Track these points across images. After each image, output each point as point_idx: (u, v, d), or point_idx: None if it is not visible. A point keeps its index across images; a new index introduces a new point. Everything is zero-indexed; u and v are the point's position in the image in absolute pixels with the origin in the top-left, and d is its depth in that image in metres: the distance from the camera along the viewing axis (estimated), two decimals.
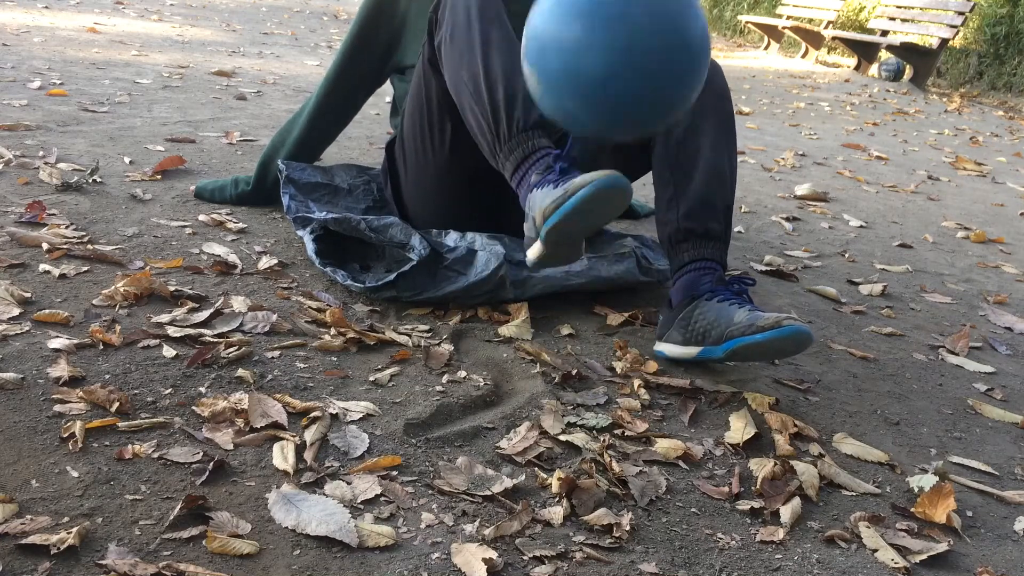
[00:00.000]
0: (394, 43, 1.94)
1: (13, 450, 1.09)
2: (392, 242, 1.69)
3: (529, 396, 1.37)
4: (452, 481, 1.13)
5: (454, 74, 1.55)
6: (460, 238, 1.72)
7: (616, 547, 1.05)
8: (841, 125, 5.07)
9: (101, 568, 0.91)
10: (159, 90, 3.47)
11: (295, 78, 4.26)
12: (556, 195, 1.33)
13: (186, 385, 1.28)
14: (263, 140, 2.84)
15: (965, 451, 1.40)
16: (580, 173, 1.35)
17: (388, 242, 1.70)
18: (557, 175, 1.38)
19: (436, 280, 1.65)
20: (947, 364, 1.74)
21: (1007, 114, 6.84)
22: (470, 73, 1.52)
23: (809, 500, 1.20)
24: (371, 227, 1.71)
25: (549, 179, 1.38)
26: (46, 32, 4.63)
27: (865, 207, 3.03)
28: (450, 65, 1.56)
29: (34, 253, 1.67)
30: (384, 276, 1.65)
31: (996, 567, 1.11)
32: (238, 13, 7.26)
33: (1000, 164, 4.39)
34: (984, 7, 8.43)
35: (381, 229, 1.70)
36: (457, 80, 1.54)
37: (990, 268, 2.47)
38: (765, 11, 11.60)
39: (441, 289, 1.64)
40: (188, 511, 1.01)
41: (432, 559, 0.99)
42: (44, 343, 1.34)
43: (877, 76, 8.37)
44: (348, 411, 1.27)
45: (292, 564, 0.96)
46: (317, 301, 1.62)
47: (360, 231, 1.71)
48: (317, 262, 1.71)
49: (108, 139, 2.58)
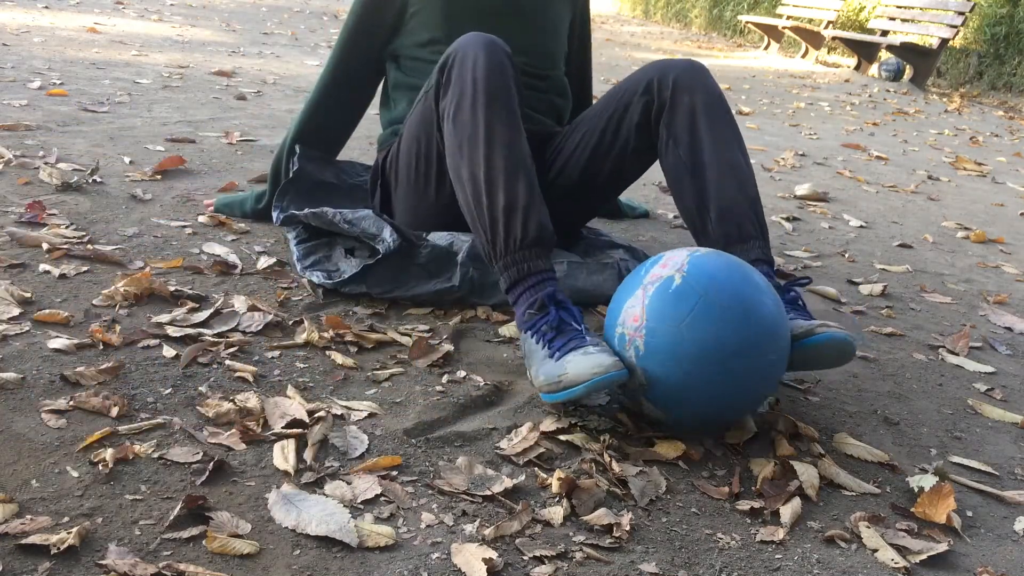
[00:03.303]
0: (395, 29, 1.88)
1: (13, 450, 1.09)
2: (365, 233, 1.69)
3: (529, 396, 1.37)
4: (452, 481, 1.13)
5: (454, 162, 1.51)
6: (445, 235, 1.72)
7: (616, 547, 1.05)
8: (841, 125, 5.07)
9: (101, 568, 0.91)
10: (159, 90, 3.47)
11: (295, 78, 4.26)
12: (551, 377, 1.27)
13: (186, 385, 1.28)
14: (263, 140, 2.84)
15: (965, 451, 1.40)
16: (572, 337, 1.30)
17: (361, 234, 1.70)
18: (551, 334, 1.32)
19: (406, 279, 1.65)
20: (947, 364, 1.74)
21: (1007, 114, 6.84)
22: (470, 172, 1.47)
23: (809, 500, 1.20)
24: (345, 219, 1.71)
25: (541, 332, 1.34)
26: (46, 32, 4.63)
27: (865, 207, 3.03)
28: (451, 149, 1.52)
29: (34, 253, 1.67)
30: (354, 270, 1.65)
31: (996, 567, 1.11)
32: (238, 13, 7.26)
33: (1000, 164, 4.39)
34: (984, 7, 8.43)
35: (355, 221, 1.71)
36: (457, 170, 1.50)
37: (990, 268, 2.47)
38: (765, 11, 11.60)
39: (410, 289, 1.64)
40: (188, 511, 1.01)
41: (432, 559, 0.99)
42: (44, 343, 1.34)
43: (877, 76, 8.37)
44: (348, 411, 1.27)
45: (292, 564, 0.96)
46: (317, 300, 1.62)
47: (335, 223, 1.71)
48: (298, 268, 1.71)
49: (108, 139, 2.58)
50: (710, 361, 1.21)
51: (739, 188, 1.56)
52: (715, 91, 1.64)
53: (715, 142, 1.59)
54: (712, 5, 13.69)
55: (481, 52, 1.51)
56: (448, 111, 1.53)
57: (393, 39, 1.90)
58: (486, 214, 1.44)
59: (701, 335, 1.21)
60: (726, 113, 1.63)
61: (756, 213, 1.57)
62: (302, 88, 3.96)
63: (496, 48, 1.52)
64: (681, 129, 1.62)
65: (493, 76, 1.50)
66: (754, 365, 1.24)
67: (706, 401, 1.25)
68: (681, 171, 1.62)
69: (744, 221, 1.55)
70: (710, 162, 1.58)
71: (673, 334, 1.22)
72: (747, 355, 1.22)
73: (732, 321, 1.22)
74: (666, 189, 2.87)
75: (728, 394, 1.25)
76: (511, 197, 1.43)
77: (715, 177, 1.57)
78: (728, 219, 1.55)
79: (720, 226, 1.55)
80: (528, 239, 1.41)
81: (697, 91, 1.61)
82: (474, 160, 1.47)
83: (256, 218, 2.02)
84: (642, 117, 1.68)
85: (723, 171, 1.57)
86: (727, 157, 1.58)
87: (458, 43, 1.55)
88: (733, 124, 1.63)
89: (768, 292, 1.28)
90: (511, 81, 1.52)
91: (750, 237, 1.54)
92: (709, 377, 1.22)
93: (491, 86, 1.49)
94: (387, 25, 1.88)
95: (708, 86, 1.63)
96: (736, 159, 1.59)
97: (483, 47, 1.52)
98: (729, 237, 1.54)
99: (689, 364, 1.22)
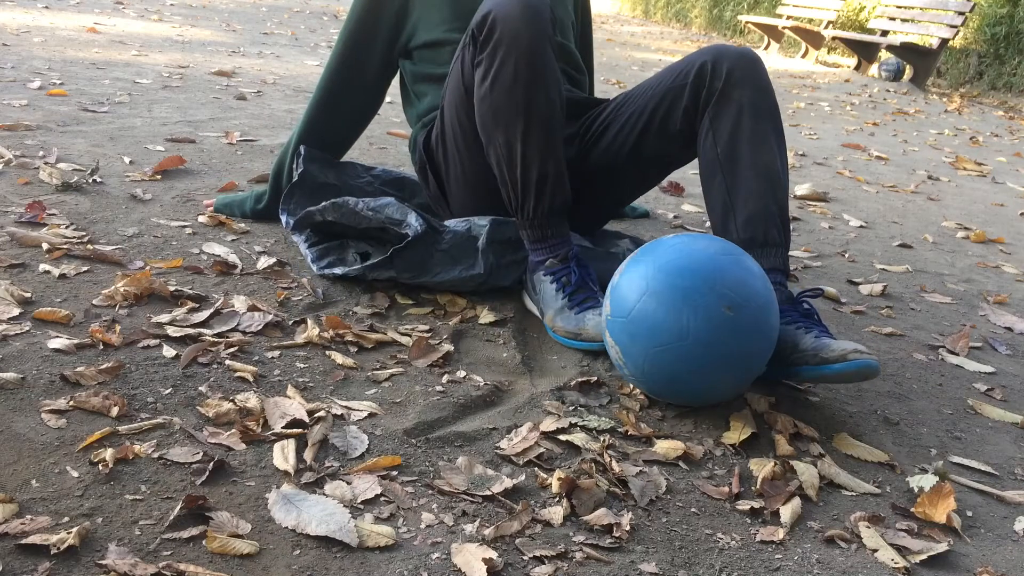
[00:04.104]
0: (400, 23, 1.85)
1: (13, 450, 1.09)
2: (390, 220, 1.69)
3: (529, 396, 1.37)
4: (452, 481, 1.13)
5: (489, 126, 1.52)
6: (461, 222, 1.72)
7: (616, 547, 1.05)
8: (841, 125, 5.07)
9: (101, 568, 0.91)
10: (159, 90, 3.47)
11: (295, 78, 4.26)
12: (569, 325, 1.52)
13: (186, 385, 1.28)
14: (263, 140, 2.84)
15: (965, 451, 1.40)
16: (590, 296, 1.54)
17: (386, 220, 1.70)
18: (572, 288, 1.55)
19: (431, 264, 1.66)
20: (947, 364, 1.74)
21: (1007, 114, 6.84)
22: (505, 138, 1.53)
23: (809, 500, 1.20)
24: (369, 207, 1.71)
25: (562, 281, 1.57)
26: (46, 32, 4.63)
27: (865, 207, 3.03)
28: (485, 114, 1.53)
29: (34, 253, 1.67)
30: (383, 254, 1.66)
31: (996, 567, 1.11)
32: (238, 13, 7.26)
33: (1000, 164, 4.39)
34: (984, 7, 8.43)
35: (379, 208, 1.71)
36: (491, 134, 1.53)
37: (990, 268, 2.47)
38: (765, 11, 11.60)
39: (435, 276, 1.65)
40: (188, 511, 1.01)
41: (432, 559, 0.99)
42: (44, 343, 1.34)
43: (877, 76, 8.37)
44: (348, 411, 1.27)
45: (292, 564, 0.96)
46: (317, 300, 1.62)
47: (358, 212, 1.71)
48: (315, 268, 1.72)
49: (108, 139, 2.58)
50: (659, 343, 1.29)
51: (771, 193, 1.53)
52: (767, 88, 1.59)
53: (755, 144, 1.55)
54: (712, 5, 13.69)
55: (523, 18, 1.49)
56: (489, 72, 1.51)
57: (398, 37, 1.87)
58: (518, 182, 1.57)
59: (649, 321, 1.29)
60: (773, 114, 1.59)
61: (784, 221, 1.54)
62: (302, 88, 3.96)
63: (540, 13, 1.50)
64: (725, 124, 1.57)
65: (536, 44, 1.49)
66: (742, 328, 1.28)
67: (667, 374, 1.31)
68: (715, 167, 1.58)
69: (771, 227, 1.52)
70: (745, 162, 1.55)
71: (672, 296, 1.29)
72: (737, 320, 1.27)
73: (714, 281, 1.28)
74: (666, 189, 2.87)
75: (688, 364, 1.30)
76: (543, 171, 1.55)
77: (749, 177, 1.54)
78: (755, 223, 1.52)
79: (746, 229, 1.53)
80: (556, 207, 1.58)
81: (748, 86, 1.57)
82: (511, 130, 1.54)
83: (256, 218, 2.02)
84: (690, 101, 1.63)
85: (758, 173, 1.54)
86: (765, 160, 1.55)
87: (497, 1, 1.52)
88: (778, 126, 1.59)
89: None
90: (551, 50, 1.52)
91: (774, 244, 1.52)
92: (702, 335, 1.27)
93: (534, 58, 1.49)
94: (389, 24, 1.86)
95: (760, 82, 1.59)
96: (773, 163, 1.55)
97: (525, 9, 1.49)
98: (753, 241, 1.52)
99: (641, 341, 1.30)
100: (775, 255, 1.52)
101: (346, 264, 1.73)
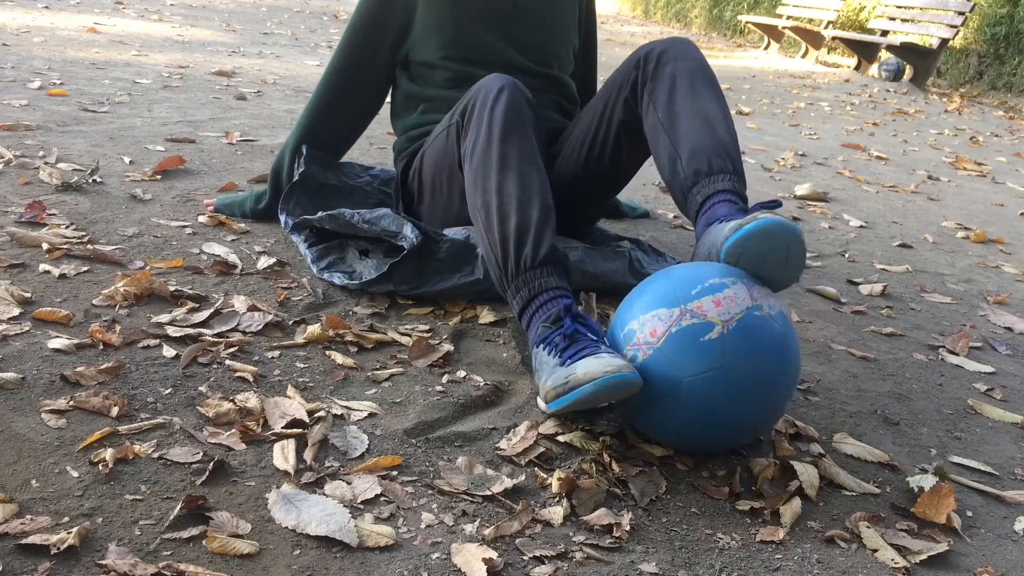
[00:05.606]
0: (404, 33, 1.87)
1: (13, 450, 1.09)
2: (385, 232, 1.70)
3: (529, 396, 1.37)
4: (452, 481, 1.13)
5: (471, 197, 1.51)
6: (459, 230, 1.72)
7: (616, 547, 1.05)
8: (841, 125, 5.07)
9: (101, 568, 0.91)
10: (159, 90, 3.47)
11: (295, 78, 4.26)
12: (558, 380, 1.22)
13: (186, 385, 1.28)
14: (263, 140, 2.84)
15: (965, 451, 1.40)
16: (587, 345, 1.25)
17: (381, 232, 1.70)
18: (564, 343, 1.27)
19: (429, 274, 1.66)
20: (947, 364, 1.74)
21: (1007, 114, 6.84)
22: (483, 201, 1.47)
23: (809, 500, 1.20)
24: (364, 219, 1.71)
25: (554, 343, 1.29)
26: (46, 32, 4.63)
27: (865, 207, 3.03)
28: (468, 183, 1.52)
29: (34, 253, 1.67)
30: (381, 268, 1.66)
31: (996, 567, 1.11)
32: (238, 13, 7.26)
33: (1000, 164, 4.39)
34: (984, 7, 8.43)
35: (374, 220, 1.71)
36: (473, 205, 1.50)
37: (990, 268, 2.47)
38: (765, 11, 11.60)
39: (434, 285, 1.65)
40: (188, 511, 1.01)
41: (432, 559, 0.99)
42: (44, 343, 1.34)
43: (877, 76, 8.37)
44: (348, 411, 1.27)
45: (292, 564, 0.96)
46: (317, 301, 1.62)
47: (354, 224, 1.72)
48: (315, 270, 1.72)
49: (108, 139, 2.58)
50: (691, 419, 1.19)
51: (709, 130, 1.50)
52: (699, 58, 1.61)
53: (692, 98, 1.55)
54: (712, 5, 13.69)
55: (500, 94, 1.52)
56: (468, 151, 1.53)
57: (401, 45, 1.88)
58: (497, 240, 1.41)
59: (699, 398, 1.17)
60: (709, 77, 1.59)
61: (729, 153, 1.49)
62: (302, 88, 3.96)
63: (515, 91, 1.52)
64: (662, 93, 1.59)
65: (510, 115, 1.50)
66: (732, 434, 1.23)
67: (664, 434, 1.25)
68: (658, 130, 1.57)
69: (714, 156, 1.47)
70: (686, 115, 1.53)
71: (675, 378, 1.18)
72: (729, 427, 1.21)
73: (737, 399, 1.18)
74: (666, 189, 2.87)
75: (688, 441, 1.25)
76: (523, 219, 1.41)
77: (688, 125, 1.52)
78: (697, 156, 1.48)
79: (690, 164, 1.48)
80: (539, 258, 1.37)
81: (680, 59, 1.59)
82: (487, 191, 1.46)
83: (256, 218, 2.02)
84: (631, 91, 1.66)
85: (696, 116, 1.52)
86: (703, 107, 1.54)
87: (478, 85, 1.56)
88: (715, 86, 1.58)
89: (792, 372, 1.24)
90: (528, 119, 1.52)
91: (721, 171, 1.46)
92: (682, 427, 1.21)
93: (507, 123, 1.49)
94: (393, 29, 1.87)
95: (692, 55, 1.61)
96: (711, 108, 1.54)
97: (502, 90, 1.52)
98: (698, 173, 1.47)
99: (672, 407, 1.19)
100: (723, 180, 1.45)
101: (346, 264, 1.74)
